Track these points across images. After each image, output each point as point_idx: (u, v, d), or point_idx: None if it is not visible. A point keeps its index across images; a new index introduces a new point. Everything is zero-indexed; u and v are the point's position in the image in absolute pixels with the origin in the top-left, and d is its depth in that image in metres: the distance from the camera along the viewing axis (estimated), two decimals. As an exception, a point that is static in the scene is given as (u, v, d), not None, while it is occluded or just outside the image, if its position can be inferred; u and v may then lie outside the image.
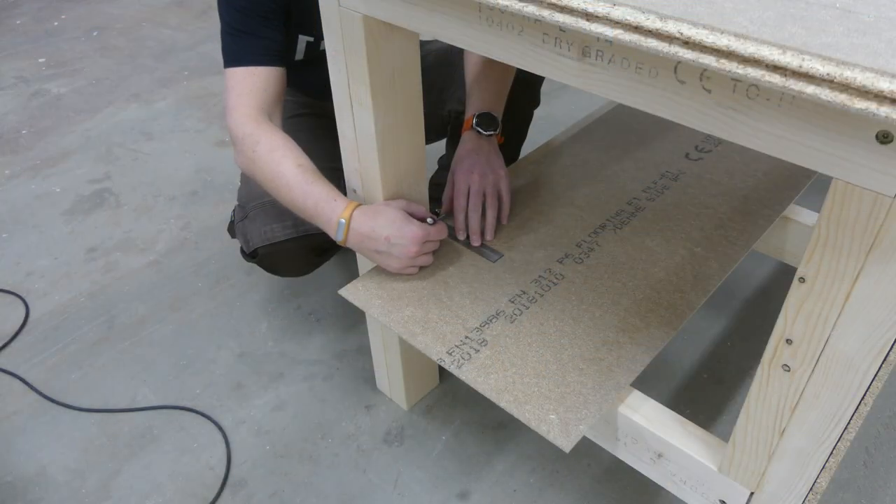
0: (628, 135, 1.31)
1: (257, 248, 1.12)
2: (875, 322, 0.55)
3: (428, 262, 0.99)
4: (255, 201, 1.13)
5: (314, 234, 1.08)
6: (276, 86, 1.01)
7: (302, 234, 1.10)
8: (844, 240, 0.53)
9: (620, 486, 1.11)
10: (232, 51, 1.00)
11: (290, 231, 1.10)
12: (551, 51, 0.62)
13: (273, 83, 1.01)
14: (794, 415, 0.65)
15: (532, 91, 1.36)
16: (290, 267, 1.19)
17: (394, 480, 1.13)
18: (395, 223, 0.92)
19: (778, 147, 0.52)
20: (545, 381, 0.84)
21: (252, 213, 1.14)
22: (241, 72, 0.99)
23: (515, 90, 1.25)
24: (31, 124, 2.14)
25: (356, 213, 0.93)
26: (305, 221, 1.01)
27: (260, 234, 1.11)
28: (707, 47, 0.48)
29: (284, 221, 1.11)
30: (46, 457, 1.19)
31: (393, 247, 0.93)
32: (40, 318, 1.46)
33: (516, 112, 1.33)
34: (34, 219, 1.74)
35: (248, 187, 1.16)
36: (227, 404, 1.26)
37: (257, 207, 1.13)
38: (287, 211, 1.04)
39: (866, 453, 1.14)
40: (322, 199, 0.93)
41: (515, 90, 1.25)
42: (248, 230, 1.13)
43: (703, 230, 1.06)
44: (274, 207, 1.10)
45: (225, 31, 1.02)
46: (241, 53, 1.00)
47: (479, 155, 1.07)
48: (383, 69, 0.85)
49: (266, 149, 0.95)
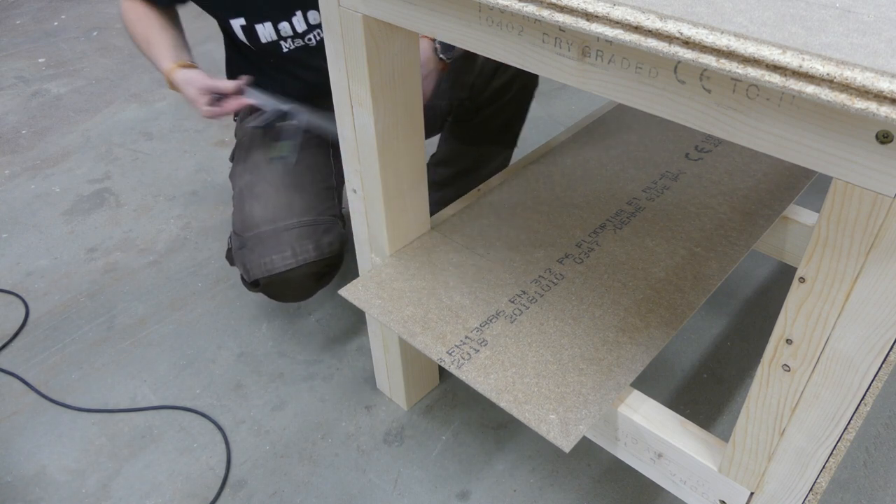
0: (628, 135, 1.31)
1: (258, 279, 1.16)
2: (875, 322, 0.55)
3: (211, 114, 1.11)
4: (250, 231, 1.15)
5: (313, 262, 1.14)
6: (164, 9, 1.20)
7: (301, 263, 1.13)
8: (844, 240, 0.53)
9: (620, 486, 1.11)
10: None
11: (289, 262, 1.13)
12: (551, 51, 0.62)
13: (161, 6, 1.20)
14: (794, 415, 0.65)
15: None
16: (291, 295, 1.23)
17: (394, 480, 1.13)
18: (192, 101, 1.11)
19: (778, 147, 0.52)
20: (545, 381, 0.84)
21: (249, 244, 1.16)
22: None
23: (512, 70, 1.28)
24: (31, 124, 2.14)
25: (177, 81, 1.13)
26: (303, 249, 1.12)
27: (259, 265, 1.14)
28: (707, 47, 0.48)
29: (283, 252, 1.13)
30: (46, 457, 1.19)
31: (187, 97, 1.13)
32: (40, 318, 1.46)
33: (516, 92, 1.35)
34: (34, 219, 1.74)
35: (241, 214, 1.18)
36: (227, 404, 1.26)
37: (253, 238, 1.15)
38: (284, 239, 1.12)
39: (866, 453, 1.14)
40: (158, 65, 1.17)
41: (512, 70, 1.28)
42: (247, 261, 1.16)
43: (703, 230, 1.06)
44: (270, 237, 1.13)
45: None
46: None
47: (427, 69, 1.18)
48: (383, 69, 0.85)
49: (130, 24, 1.19)
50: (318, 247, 1.15)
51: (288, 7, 1.15)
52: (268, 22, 1.15)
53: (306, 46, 1.20)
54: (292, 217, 1.14)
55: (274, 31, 1.16)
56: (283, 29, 1.16)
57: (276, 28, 1.16)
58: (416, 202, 1.03)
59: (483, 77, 1.30)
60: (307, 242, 1.14)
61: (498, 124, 1.36)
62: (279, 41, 1.18)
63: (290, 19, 1.16)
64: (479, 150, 1.40)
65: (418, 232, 1.07)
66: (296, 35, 1.18)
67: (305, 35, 1.19)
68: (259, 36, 1.16)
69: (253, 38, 1.17)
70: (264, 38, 1.16)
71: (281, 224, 1.14)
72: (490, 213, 1.12)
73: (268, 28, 1.15)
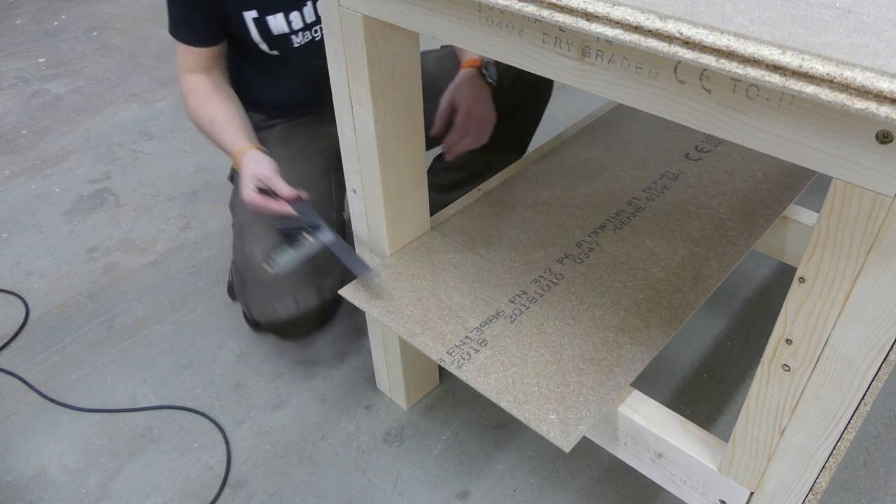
0: (628, 135, 1.31)
1: (260, 322, 1.19)
2: (875, 322, 0.55)
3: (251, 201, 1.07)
4: (250, 272, 1.16)
5: (314, 308, 1.16)
6: (210, 55, 1.19)
7: (303, 310, 1.15)
8: (844, 240, 0.53)
9: (620, 486, 1.11)
10: (173, 25, 1.17)
11: (291, 310, 1.15)
12: (551, 51, 0.62)
13: (208, 55, 1.18)
14: (794, 415, 0.65)
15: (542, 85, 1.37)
16: (293, 336, 1.26)
17: (394, 480, 1.13)
18: (241, 182, 1.08)
19: (778, 147, 0.52)
20: (545, 381, 0.84)
21: (250, 284, 1.17)
22: (182, 47, 1.17)
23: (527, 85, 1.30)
24: (31, 124, 2.14)
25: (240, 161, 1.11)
26: (304, 297, 1.14)
27: (261, 312, 1.16)
28: (707, 47, 0.48)
29: (284, 300, 1.15)
30: (46, 457, 1.19)
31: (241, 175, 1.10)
32: (40, 318, 1.46)
33: (531, 103, 1.36)
34: (34, 219, 1.74)
35: (242, 252, 1.18)
36: (227, 404, 1.26)
37: (254, 281, 1.16)
38: (285, 285, 1.14)
39: (866, 453, 1.14)
40: (227, 146, 1.15)
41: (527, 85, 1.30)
42: (250, 304, 1.18)
43: (703, 230, 1.06)
44: (271, 282, 1.14)
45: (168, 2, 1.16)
46: (178, 31, 1.17)
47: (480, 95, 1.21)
48: (383, 69, 0.85)
49: (192, 106, 1.19)
50: (319, 292, 1.17)
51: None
52: (279, 13, 1.14)
53: (313, 40, 1.20)
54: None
55: (285, 23, 1.15)
56: (293, 20, 1.16)
57: (288, 19, 1.15)
58: (416, 202, 1.03)
59: (501, 92, 1.29)
60: (308, 289, 1.15)
61: (510, 134, 1.36)
62: (290, 35, 1.17)
63: (300, 9, 1.16)
64: (488, 156, 1.39)
65: (418, 232, 1.07)
66: (305, 27, 1.18)
67: (313, 27, 1.19)
68: (271, 28, 1.15)
69: (265, 33, 1.16)
70: (276, 30, 1.16)
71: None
72: (490, 213, 1.12)
73: (279, 20, 1.14)
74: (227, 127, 1.15)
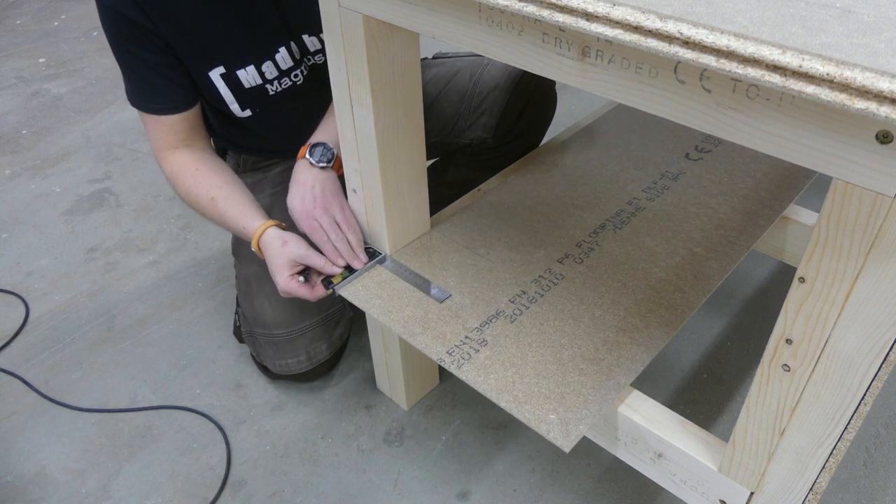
0: (628, 135, 1.31)
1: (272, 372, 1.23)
2: (875, 322, 0.55)
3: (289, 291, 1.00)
4: (261, 329, 1.17)
5: (327, 360, 1.22)
6: (187, 122, 1.07)
7: (315, 364, 1.20)
8: (844, 240, 0.53)
9: (620, 486, 1.11)
10: (135, 94, 1.05)
11: (304, 365, 1.19)
12: (551, 51, 0.62)
13: (184, 124, 1.06)
14: (794, 415, 0.65)
15: (545, 94, 1.35)
16: (306, 380, 1.28)
17: (394, 480, 1.13)
18: (273, 269, 1.00)
19: (778, 147, 0.52)
20: (545, 381, 0.84)
21: (262, 340, 1.19)
22: (151, 120, 1.05)
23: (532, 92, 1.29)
24: (31, 124, 2.14)
25: (261, 243, 1.02)
26: (317, 351, 1.18)
27: (275, 366, 1.20)
28: (707, 47, 0.48)
29: (298, 356, 1.18)
30: (46, 457, 1.19)
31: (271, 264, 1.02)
32: (40, 318, 1.46)
33: (537, 125, 1.36)
34: (34, 219, 1.74)
35: (252, 308, 1.17)
36: (227, 404, 1.26)
37: (267, 338, 1.17)
38: (298, 344, 1.16)
39: (866, 453, 1.14)
40: (237, 227, 1.05)
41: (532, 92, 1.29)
42: (263, 357, 1.21)
43: (703, 230, 1.06)
44: (285, 342, 1.16)
45: (122, 70, 1.05)
46: (142, 101, 1.05)
47: (315, 187, 1.02)
48: (383, 69, 0.85)
49: (184, 189, 1.07)
50: (330, 344, 1.20)
51: (270, 42, 1.06)
52: (250, 66, 1.05)
53: (294, 86, 1.11)
54: (304, 320, 1.16)
55: (258, 74, 1.06)
56: (266, 70, 1.07)
57: (260, 70, 1.06)
58: (416, 202, 1.03)
59: (508, 119, 1.27)
60: (320, 343, 1.19)
61: (515, 156, 1.34)
62: (264, 85, 1.08)
63: (273, 57, 1.07)
64: (490, 175, 1.39)
65: (418, 232, 1.07)
66: (281, 74, 1.09)
67: (292, 72, 1.10)
68: (242, 82, 1.06)
69: (237, 88, 1.06)
70: (247, 83, 1.06)
71: (295, 328, 1.16)
72: (490, 213, 1.12)
73: (251, 72, 1.06)
74: (231, 204, 1.04)
